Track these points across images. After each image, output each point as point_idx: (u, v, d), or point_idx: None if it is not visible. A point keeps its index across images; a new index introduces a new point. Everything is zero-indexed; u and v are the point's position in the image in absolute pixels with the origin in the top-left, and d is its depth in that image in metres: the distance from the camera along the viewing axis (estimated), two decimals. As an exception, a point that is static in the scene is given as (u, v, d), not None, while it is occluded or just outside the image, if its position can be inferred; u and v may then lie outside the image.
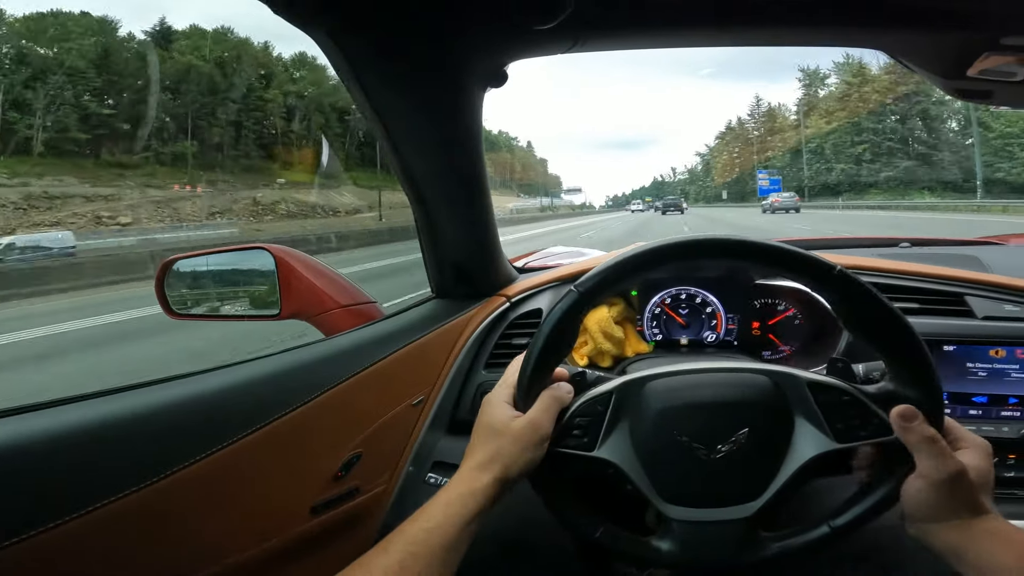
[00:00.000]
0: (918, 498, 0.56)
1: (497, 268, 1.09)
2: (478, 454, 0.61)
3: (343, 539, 0.85)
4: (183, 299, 1.03)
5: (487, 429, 0.63)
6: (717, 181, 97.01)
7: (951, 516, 0.55)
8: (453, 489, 0.59)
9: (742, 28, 0.69)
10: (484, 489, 0.58)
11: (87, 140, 39.87)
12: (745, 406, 0.62)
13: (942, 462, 0.54)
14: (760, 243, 0.61)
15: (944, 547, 0.55)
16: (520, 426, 0.61)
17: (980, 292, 0.95)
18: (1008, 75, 0.69)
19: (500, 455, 0.60)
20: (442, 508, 0.57)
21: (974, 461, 0.56)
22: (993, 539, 0.53)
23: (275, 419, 0.71)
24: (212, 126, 45.97)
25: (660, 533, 0.62)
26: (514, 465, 0.60)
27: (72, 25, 43.56)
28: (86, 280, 11.26)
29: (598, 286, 0.62)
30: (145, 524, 0.59)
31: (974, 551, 0.53)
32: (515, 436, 0.60)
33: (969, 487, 0.55)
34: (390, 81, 0.72)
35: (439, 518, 0.56)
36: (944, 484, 0.54)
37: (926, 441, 0.55)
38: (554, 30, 0.61)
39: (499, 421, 0.62)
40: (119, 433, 0.59)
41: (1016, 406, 0.90)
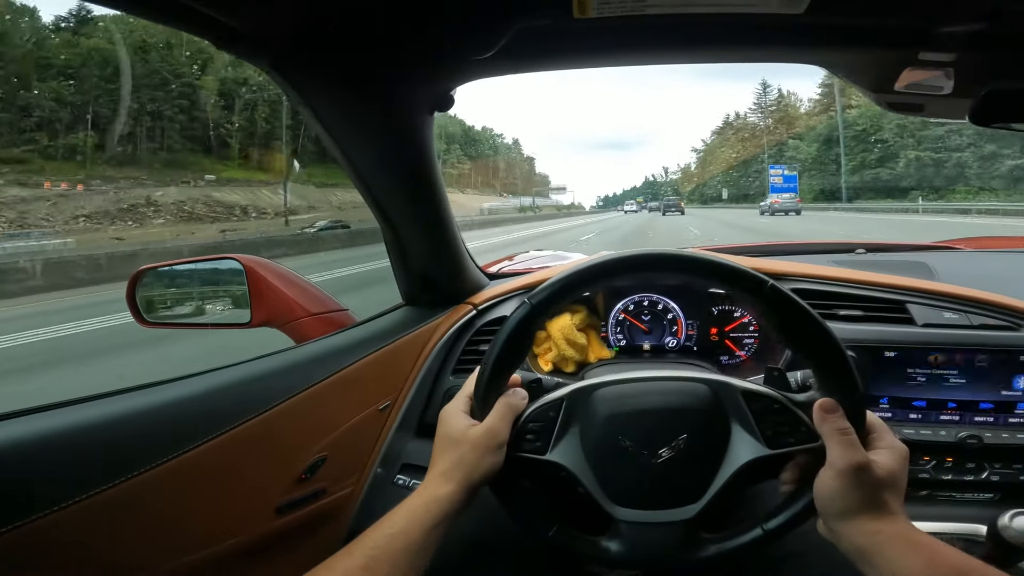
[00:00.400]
0: (826, 490, 0.58)
1: (464, 276, 1.12)
2: (440, 463, 0.64)
3: (310, 538, 0.88)
4: (154, 308, 1.05)
5: (446, 439, 0.66)
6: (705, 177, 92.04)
7: (856, 511, 0.56)
8: (418, 496, 0.62)
9: (684, 49, 0.72)
10: (449, 496, 0.61)
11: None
12: (685, 413, 0.65)
13: (849, 452, 0.57)
14: (696, 257, 0.64)
15: (852, 549, 0.56)
16: (478, 434, 0.64)
17: (922, 300, 0.99)
18: (936, 89, 0.72)
19: (461, 463, 0.63)
20: (406, 514, 0.60)
21: (885, 460, 0.58)
22: (901, 544, 0.54)
23: (239, 424, 0.74)
24: (125, 116, 41.01)
25: (609, 534, 0.65)
26: (476, 471, 0.63)
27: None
28: None
29: (550, 298, 0.65)
30: (112, 521, 0.62)
31: (881, 555, 0.54)
32: (473, 444, 0.64)
33: (874, 483, 0.56)
34: (337, 107, 0.75)
35: (402, 523, 0.59)
36: (848, 474, 0.56)
37: (837, 432, 0.58)
38: (493, 57, 0.64)
39: (457, 431, 0.65)
40: (89, 438, 0.63)
41: (954, 411, 0.94)
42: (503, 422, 0.65)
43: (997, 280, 1.07)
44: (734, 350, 1.15)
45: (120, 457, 0.63)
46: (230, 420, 0.74)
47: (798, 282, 1.05)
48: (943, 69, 0.68)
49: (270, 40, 0.63)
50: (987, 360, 0.93)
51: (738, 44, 0.70)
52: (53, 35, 42.61)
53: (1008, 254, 1.51)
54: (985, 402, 0.93)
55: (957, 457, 0.94)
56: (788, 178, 53.67)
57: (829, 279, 1.04)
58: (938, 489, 0.95)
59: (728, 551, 0.63)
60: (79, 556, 0.60)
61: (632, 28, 0.66)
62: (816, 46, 0.70)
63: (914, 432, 0.94)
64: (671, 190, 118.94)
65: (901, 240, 1.65)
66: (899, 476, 0.59)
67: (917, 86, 0.73)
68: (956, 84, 0.69)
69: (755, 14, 0.59)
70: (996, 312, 0.95)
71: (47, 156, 38.77)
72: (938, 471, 0.94)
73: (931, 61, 0.66)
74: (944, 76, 0.69)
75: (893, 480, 0.58)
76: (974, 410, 0.94)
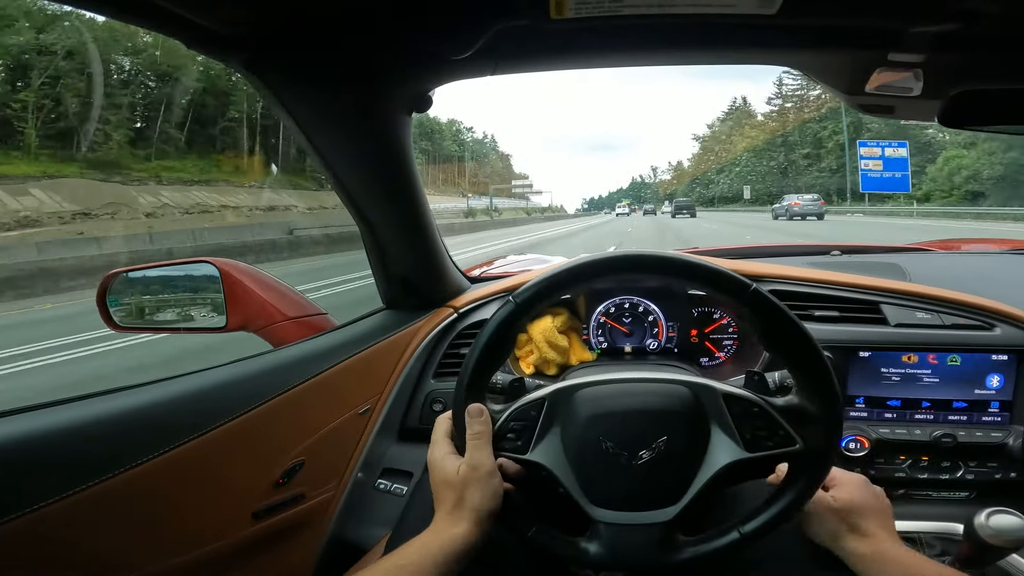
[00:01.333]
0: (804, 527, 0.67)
1: (445, 280, 1.11)
2: (445, 505, 0.65)
3: (289, 543, 0.87)
4: (126, 312, 1.03)
5: (443, 484, 0.66)
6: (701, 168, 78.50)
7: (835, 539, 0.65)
8: (432, 532, 0.62)
9: (661, 50, 0.73)
10: (464, 534, 0.61)
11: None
12: (665, 415, 0.65)
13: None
14: (681, 259, 0.64)
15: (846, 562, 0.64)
16: (465, 473, 0.64)
17: (895, 300, 1.01)
18: (905, 90, 0.73)
19: (464, 500, 0.63)
20: (419, 548, 0.60)
21: (840, 494, 0.66)
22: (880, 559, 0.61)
23: (213, 428, 0.73)
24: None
25: (588, 535, 0.65)
26: (482, 505, 0.63)
27: None
28: None
29: (535, 296, 0.65)
30: (87, 524, 0.61)
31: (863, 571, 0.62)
32: (465, 482, 0.64)
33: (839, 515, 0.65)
34: (313, 109, 0.74)
35: (414, 557, 0.59)
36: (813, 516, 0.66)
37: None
38: (472, 58, 0.64)
39: (448, 474, 0.65)
40: (65, 441, 0.62)
41: (928, 410, 0.96)
42: (480, 452, 0.65)
43: (969, 280, 1.09)
44: (714, 352, 1.16)
45: (95, 460, 0.62)
46: (204, 424, 0.72)
47: (776, 283, 1.06)
48: (912, 70, 0.69)
49: (244, 40, 0.62)
50: (960, 359, 0.95)
51: (714, 46, 0.71)
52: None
53: (979, 255, 1.55)
54: (959, 401, 0.95)
55: (932, 456, 0.95)
56: (894, 162, 29.04)
57: (806, 280, 1.06)
58: (915, 488, 0.96)
59: (705, 554, 0.63)
60: (55, 558, 0.60)
61: (609, 29, 0.67)
62: (789, 47, 0.71)
63: (889, 432, 0.95)
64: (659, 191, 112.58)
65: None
66: (861, 502, 0.65)
67: (888, 87, 0.73)
68: (926, 86, 0.70)
69: (730, 15, 0.60)
70: (968, 312, 0.97)
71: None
72: (914, 470, 0.96)
73: (900, 62, 0.67)
74: (913, 77, 0.70)
75: (855, 507, 0.65)
76: (948, 409, 0.96)
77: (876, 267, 1.19)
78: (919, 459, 0.96)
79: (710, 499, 0.65)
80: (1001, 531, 0.64)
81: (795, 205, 26.54)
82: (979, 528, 0.65)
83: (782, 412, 0.63)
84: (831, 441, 0.62)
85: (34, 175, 26.39)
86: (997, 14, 0.57)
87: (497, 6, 0.59)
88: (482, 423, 0.66)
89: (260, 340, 1.01)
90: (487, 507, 0.63)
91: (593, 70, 0.80)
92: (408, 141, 0.83)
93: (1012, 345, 0.94)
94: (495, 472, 0.64)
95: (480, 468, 0.64)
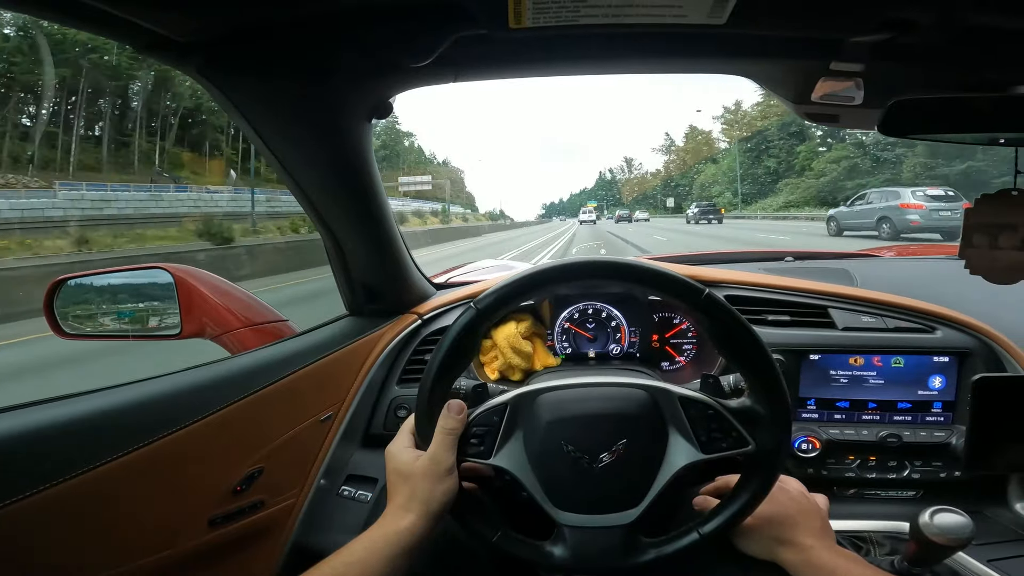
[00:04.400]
0: (742, 543, 0.70)
1: (409, 286, 1.11)
2: (397, 497, 0.65)
3: (249, 551, 0.86)
4: (75, 319, 0.99)
5: (396, 475, 0.66)
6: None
7: (773, 553, 0.67)
8: (378, 528, 0.63)
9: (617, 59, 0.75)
10: (409, 527, 0.62)
11: None
12: (625, 419, 0.67)
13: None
14: (638, 266, 0.66)
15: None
16: (424, 464, 0.65)
17: (842, 305, 1.05)
18: (848, 99, 0.76)
19: (416, 494, 0.64)
20: (365, 544, 0.60)
21: (768, 508, 0.67)
22: (816, 570, 0.64)
23: (166, 435, 0.72)
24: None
25: (552, 538, 0.66)
26: (432, 500, 0.63)
27: None
28: None
29: (495, 303, 0.66)
30: (34, 531, 0.60)
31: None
32: (423, 474, 0.64)
33: (769, 531, 0.68)
34: (270, 115, 0.74)
35: (361, 554, 0.60)
36: (744, 532, 0.69)
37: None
38: (431, 66, 0.65)
39: (404, 465, 0.66)
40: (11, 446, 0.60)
41: (875, 411, 1.00)
42: (443, 448, 0.65)
43: (914, 285, 1.14)
44: (674, 356, 1.18)
45: (42, 467, 0.61)
46: (158, 431, 0.71)
47: (731, 289, 1.09)
48: (853, 79, 0.72)
49: (198, 46, 0.61)
50: (903, 361, 0.99)
51: (668, 55, 0.73)
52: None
53: (925, 260, 1.62)
54: (903, 402, 0.99)
55: (879, 456, 0.99)
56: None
57: (759, 285, 1.09)
58: (864, 487, 1.00)
59: (667, 555, 0.65)
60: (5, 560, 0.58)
61: (567, 39, 0.68)
62: (739, 56, 0.74)
63: (839, 432, 0.99)
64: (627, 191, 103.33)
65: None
66: (784, 514, 0.68)
67: (831, 96, 0.77)
68: (867, 95, 0.74)
69: (682, 24, 0.62)
70: (910, 315, 1.02)
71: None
72: (862, 470, 0.99)
73: (842, 71, 0.71)
74: (855, 86, 0.74)
75: (778, 519, 0.68)
76: (893, 410, 1.00)
77: (826, 272, 1.24)
78: (867, 459, 0.99)
79: (671, 501, 0.67)
80: (944, 530, 0.66)
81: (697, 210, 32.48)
82: (924, 527, 0.67)
83: (735, 414, 0.65)
84: (781, 441, 0.64)
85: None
86: (930, 24, 0.59)
87: (456, 15, 0.60)
88: (458, 420, 0.67)
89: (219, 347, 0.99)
90: (438, 502, 0.64)
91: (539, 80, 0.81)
92: (368, 147, 0.83)
93: (953, 347, 0.98)
94: (453, 470, 0.65)
95: (441, 464, 0.64)
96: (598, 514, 0.65)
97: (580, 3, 0.57)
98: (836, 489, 1.00)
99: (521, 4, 0.57)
